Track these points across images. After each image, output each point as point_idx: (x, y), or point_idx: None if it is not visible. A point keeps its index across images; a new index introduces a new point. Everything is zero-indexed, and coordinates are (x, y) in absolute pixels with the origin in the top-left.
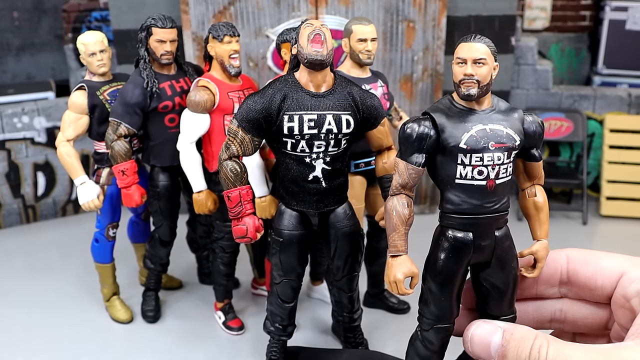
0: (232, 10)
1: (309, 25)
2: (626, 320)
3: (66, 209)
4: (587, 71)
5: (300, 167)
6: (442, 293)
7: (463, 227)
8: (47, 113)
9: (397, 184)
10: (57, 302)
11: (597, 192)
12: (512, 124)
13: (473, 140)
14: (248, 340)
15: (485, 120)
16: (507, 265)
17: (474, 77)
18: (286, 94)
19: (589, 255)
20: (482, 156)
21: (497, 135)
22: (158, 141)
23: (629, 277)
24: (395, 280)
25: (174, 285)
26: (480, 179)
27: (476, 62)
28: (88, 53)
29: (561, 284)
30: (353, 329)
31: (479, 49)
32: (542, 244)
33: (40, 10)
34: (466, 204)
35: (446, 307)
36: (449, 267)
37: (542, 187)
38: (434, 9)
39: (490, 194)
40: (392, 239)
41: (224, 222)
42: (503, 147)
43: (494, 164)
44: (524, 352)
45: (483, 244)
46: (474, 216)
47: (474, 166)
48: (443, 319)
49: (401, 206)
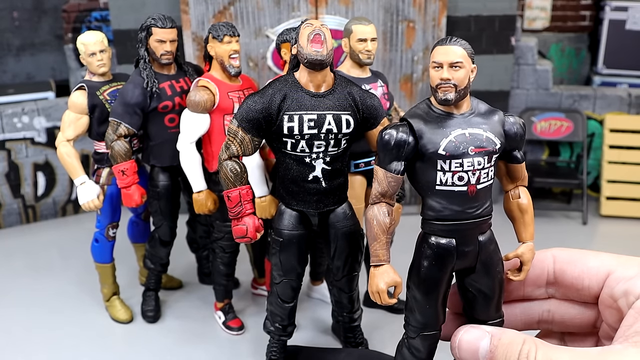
0: (232, 10)
1: (309, 25)
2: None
3: (66, 209)
4: (587, 71)
5: (300, 167)
6: (427, 301)
7: (445, 233)
8: (47, 113)
9: (377, 193)
10: (57, 302)
11: (597, 192)
12: (492, 127)
13: (452, 146)
14: (248, 340)
15: (465, 124)
16: (492, 270)
17: (451, 82)
18: (286, 94)
19: (575, 255)
20: (462, 162)
21: (476, 140)
22: (158, 141)
23: (615, 277)
24: (378, 291)
25: (174, 285)
26: (461, 184)
27: (452, 65)
28: (88, 53)
29: (548, 285)
30: (353, 329)
31: (456, 52)
32: (528, 246)
33: (40, 10)
34: (447, 210)
35: (431, 314)
36: (432, 275)
37: (525, 188)
38: (434, 9)
39: (472, 199)
40: (374, 248)
41: (224, 222)
42: (483, 151)
43: (474, 169)
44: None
45: (467, 250)
46: (456, 222)
47: (454, 172)
48: (429, 327)
49: (382, 215)
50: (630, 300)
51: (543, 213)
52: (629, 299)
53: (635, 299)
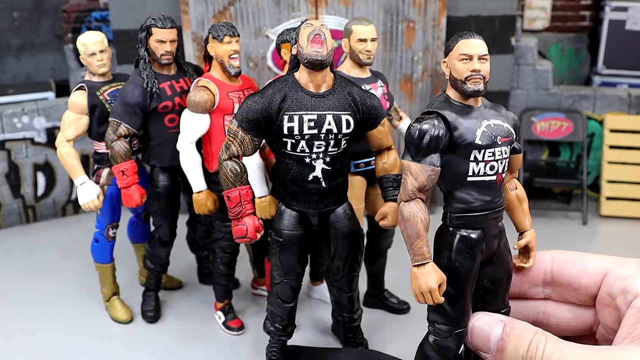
0: (232, 11)
1: (309, 26)
2: (612, 319)
3: (66, 209)
4: (587, 71)
5: (300, 167)
6: (462, 295)
7: (475, 224)
8: (47, 113)
9: (414, 188)
10: (57, 303)
11: (597, 192)
12: (506, 119)
13: (486, 136)
14: (248, 340)
15: (485, 116)
16: (506, 259)
17: (481, 73)
18: (286, 94)
19: (573, 256)
20: (494, 151)
21: (501, 130)
22: (158, 141)
23: (613, 276)
24: (430, 289)
25: (174, 285)
26: (492, 174)
27: (481, 57)
28: (88, 53)
29: (545, 284)
30: (353, 329)
31: (482, 45)
32: (532, 232)
33: (40, 11)
34: (478, 201)
35: (465, 310)
36: (467, 268)
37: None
38: (434, 9)
39: (498, 188)
40: (418, 246)
41: (224, 222)
42: (507, 140)
43: (502, 158)
44: (522, 346)
45: (492, 240)
46: (485, 213)
47: (486, 162)
48: (462, 323)
49: (422, 211)
50: (628, 299)
51: (543, 213)
52: (627, 297)
53: (633, 297)
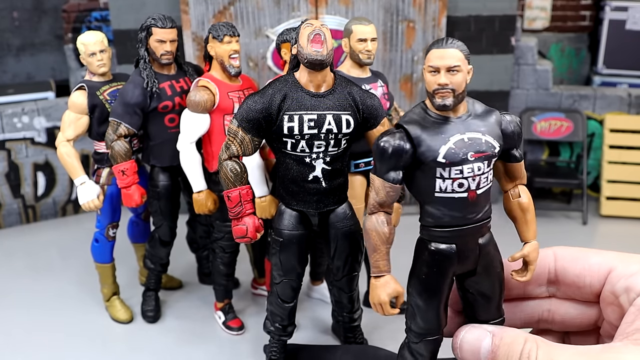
0: (232, 10)
1: (309, 25)
2: (615, 317)
3: (66, 209)
4: (587, 71)
5: (300, 167)
6: (429, 307)
7: (446, 240)
8: (47, 113)
9: (374, 202)
10: (57, 302)
11: (597, 192)
12: (491, 129)
13: (451, 153)
14: (248, 340)
15: (463, 128)
16: (492, 271)
17: (449, 87)
18: (286, 94)
19: (577, 253)
20: (462, 168)
21: (476, 145)
22: (158, 141)
23: (617, 274)
24: (380, 302)
25: (174, 285)
26: (461, 191)
27: (450, 69)
28: (88, 53)
29: (549, 283)
30: (353, 328)
31: (453, 55)
32: (532, 245)
33: (40, 10)
34: (447, 217)
35: (433, 320)
36: (433, 281)
37: (525, 187)
38: (434, 9)
39: (472, 204)
40: (374, 259)
41: (224, 222)
42: (483, 156)
43: (474, 175)
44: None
45: (467, 254)
46: (457, 228)
47: (453, 179)
48: (431, 332)
49: (380, 225)
50: (631, 297)
51: (543, 213)
52: (630, 295)
53: (636, 295)
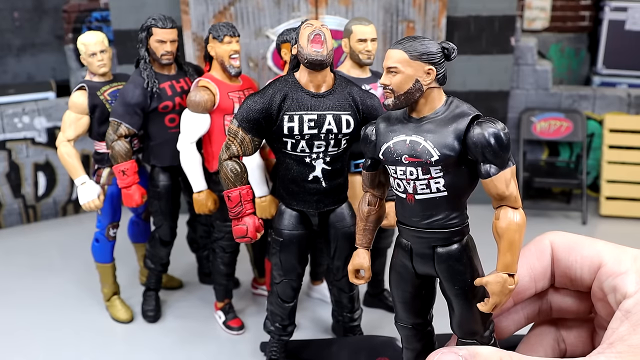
0: (232, 11)
1: (309, 26)
2: (605, 313)
3: (67, 208)
4: (587, 71)
5: (300, 167)
6: (395, 294)
7: (403, 235)
8: (48, 113)
9: (362, 183)
10: (57, 302)
11: (596, 192)
12: (442, 136)
13: (388, 152)
14: (248, 340)
15: (412, 130)
16: (451, 287)
17: (389, 87)
18: (286, 94)
19: (571, 242)
20: (396, 169)
21: (412, 149)
22: (158, 141)
23: (605, 271)
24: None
25: (174, 285)
26: (400, 191)
27: (390, 70)
28: (88, 53)
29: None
30: (353, 328)
31: (393, 56)
32: (496, 277)
33: (41, 11)
34: (400, 214)
35: (404, 308)
36: (395, 272)
37: (511, 210)
38: (434, 9)
39: (415, 208)
40: (356, 232)
41: (224, 222)
42: (416, 161)
43: (407, 179)
44: None
45: (420, 256)
46: (407, 227)
47: (393, 177)
48: (402, 320)
49: (362, 203)
50: (618, 298)
51: (543, 213)
52: (617, 296)
53: (622, 297)
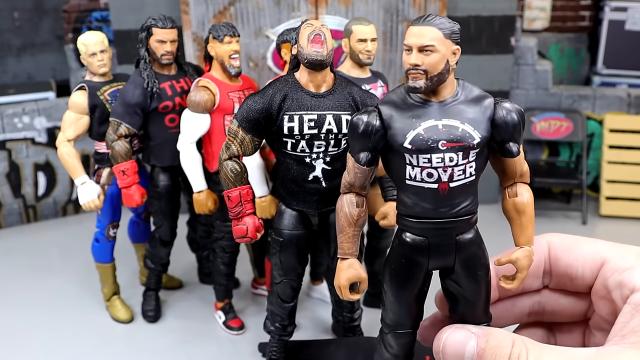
0: (232, 11)
1: (309, 26)
2: (607, 312)
3: (67, 208)
4: (587, 71)
5: (300, 167)
6: (397, 298)
7: (418, 231)
8: (48, 113)
9: (345, 182)
10: (57, 302)
11: (596, 192)
12: (475, 117)
13: (419, 140)
14: (248, 340)
15: (441, 114)
16: (472, 273)
17: (421, 67)
18: (286, 94)
19: (570, 242)
20: (431, 157)
21: (449, 133)
22: (158, 141)
23: (610, 267)
24: (340, 286)
25: (174, 285)
26: (430, 181)
27: (423, 49)
28: (88, 53)
29: (544, 274)
30: (353, 328)
31: (427, 34)
32: (524, 251)
33: (41, 11)
34: (418, 207)
35: (402, 313)
36: (403, 272)
37: (527, 186)
38: (434, 9)
39: (445, 197)
40: (340, 240)
41: (224, 222)
42: (457, 146)
43: (445, 166)
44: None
45: (441, 250)
46: (428, 220)
47: (422, 167)
48: (400, 325)
49: (348, 205)
50: (624, 293)
51: (542, 213)
52: (624, 291)
53: (629, 292)
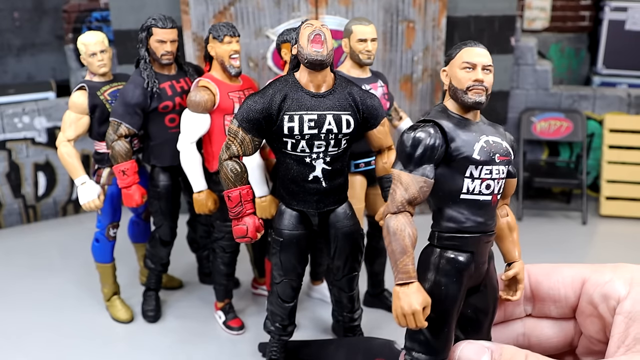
0: (232, 11)
1: (309, 26)
2: (596, 329)
3: (67, 208)
4: (587, 71)
5: (300, 167)
6: (445, 322)
7: (465, 247)
8: (48, 113)
9: (403, 200)
10: (57, 302)
11: (596, 192)
12: (504, 138)
13: (484, 152)
14: (248, 340)
15: (484, 131)
16: (494, 288)
17: (484, 84)
18: (286, 94)
19: (549, 268)
20: (492, 169)
21: (499, 148)
22: (158, 141)
23: (592, 284)
24: (414, 312)
25: (174, 285)
26: (487, 193)
27: (485, 68)
28: (89, 53)
29: (525, 301)
30: (353, 328)
31: (486, 54)
32: (521, 264)
33: (41, 11)
34: (470, 221)
35: (448, 338)
36: (453, 293)
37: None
38: (434, 9)
39: (492, 210)
40: (403, 263)
41: (224, 222)
42: (505, 160)
43: (499, 178)
44: None
45: (480, 266)
46: (477, 235)
47: (482, 180)
48: (443, 353)
49: (410, 225)
50: (611, 305)
51: (542, 213)
52: (610, 303)
53: (615, 302)
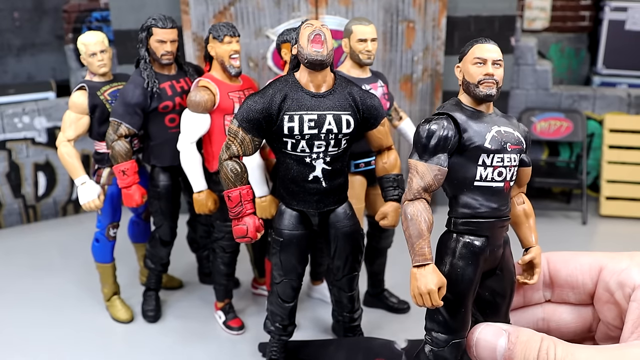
0: (232, 11)
1: (309, 26)
2: (613, 316)
3: (67, 208)
4: (587, 71)
5: (300, 167)
6: (462, 303)
7: (480, 232)
8: (48, 113)
9: (419, 187)
10: (57, 302)
11: (596, 192)
12: (517, 128)
13: (495, 141)
14: (248, 340)
15: (496, 122)
16: (510, 271)
17: (494, 77)
18: (286, 94)
19: (567, 255)
20: (503, 157)
21: (511, 137)
22: (158, 141)
23: (608, 271)
24: (429, 291)
25: (174, 285)
26: (499, 180)
27: (495, 62)
28: (89, 53)
29: (544, 287)
30: (353, 328)
31: (496, 50)
32: (538, 249)
33: (41, 11)
34: (484, 207)
35: (465, 319)
36: (469, 275)
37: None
38: (434, 9)
39: (505, 196)
40: (420, 246)
41: (224, 222)
42: (517, 149)
43: (511, 165)
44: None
45: (495, 250)
46: (491, 220)
47: (494, 167)
48: (460, 333)
49: (426, 211)
50: (626, 292)
51: (542, 213)
52: (625, 290)
53: (631, 290)
